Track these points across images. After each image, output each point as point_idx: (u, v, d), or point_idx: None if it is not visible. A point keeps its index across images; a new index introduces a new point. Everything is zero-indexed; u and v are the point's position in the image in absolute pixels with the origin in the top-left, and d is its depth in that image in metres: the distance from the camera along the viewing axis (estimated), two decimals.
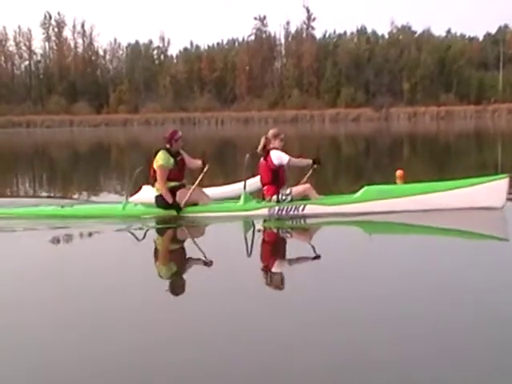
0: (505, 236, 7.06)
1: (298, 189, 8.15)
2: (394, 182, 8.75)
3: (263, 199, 8.22)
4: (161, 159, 8.04)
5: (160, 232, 7.82)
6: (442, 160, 18.86)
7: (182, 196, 8.07)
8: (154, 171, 8.09)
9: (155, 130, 58.58)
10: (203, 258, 6.07)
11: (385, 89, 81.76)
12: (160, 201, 8.11)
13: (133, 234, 7.56)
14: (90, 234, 7.53)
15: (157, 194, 8.13)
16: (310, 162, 8.32)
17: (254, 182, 8.61)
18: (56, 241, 7.21)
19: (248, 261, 5.97)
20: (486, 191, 7.90)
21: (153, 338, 3.76)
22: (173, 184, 8.10)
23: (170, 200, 8.00)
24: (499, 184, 7.90)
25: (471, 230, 7.38)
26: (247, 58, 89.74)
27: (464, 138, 32.09)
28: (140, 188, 8.57)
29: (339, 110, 75.24)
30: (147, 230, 7.72)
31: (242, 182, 8.21)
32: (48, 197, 11.17)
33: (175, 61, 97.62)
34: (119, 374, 3.31)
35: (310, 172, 8.51)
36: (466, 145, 27.15)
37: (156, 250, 6.82)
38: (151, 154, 8.28)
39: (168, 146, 8.22)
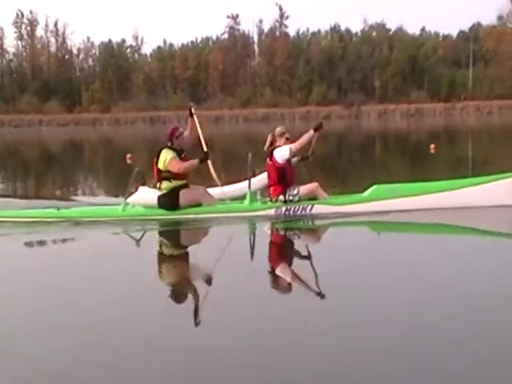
0: None
1: (305, 188, 7.91)
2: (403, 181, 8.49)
3: (270, 199, 8.02)
4: (170, 154, 7.84)
5: (162, 234, 7.66)
6: (417, 158, 18.79)
7: (186, 196, 7.88)
8: (158, 171, 7.89)
9: (124, 130, 58.22)
10: (207, 262, 5.92)
11: (357, 86, 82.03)
12: (163, 201, 7.90)
13: (134, 236, 7.41)
14: (89, 237, 7.33)
15: (159, 193, 7.92)
16: (311, 131, 7.88)
17: (258, 180, 8.47)
18: (51, 244, 7.05)
19: (254, 264, 5.84)
20: (500, 189, 7.81)
21: (152, 345, 3.70)
22: (175, 183, 7.89)
23: (195, 163, 7.86)
24: (509, 182, 7.84)
25: (485, 229, 7.30)
26: (221, 56, 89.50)
27: (435, 136, 32.26)
28: (136, 189, 8.38)
29: (310, 107, 75.21)
30: (149, 233, 7.58)
31: (247, 181, 7.97)
32: (41, 198, 10.88)
33: (149, 59, 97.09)
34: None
35: (315, 137, 7.97)
36: (437, 142, 27.24)
37: (158, 254, 6.63)
38: (122, 152, 8.08)
39: (169, 144, 8.04)
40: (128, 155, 18.21)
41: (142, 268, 5.75)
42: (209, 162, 7.97)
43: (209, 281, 5.29)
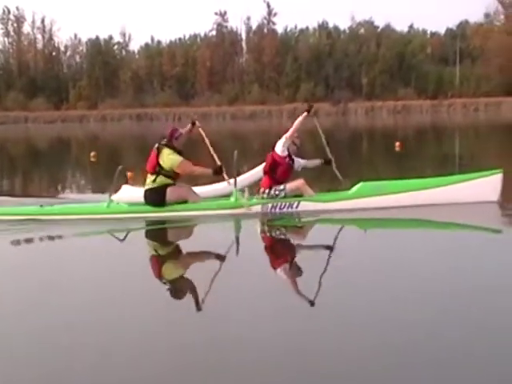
0: (501, 228, 7.11)
1: (291, 185, 7.97)
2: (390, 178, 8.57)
3: (258, 191, 8.07)
4: (178, 156, 7.86)
5: (148, 231, 7.66)
6: (382, 156, 18.85)
7: (172, 193, 7.87)
8: (156, 166, 7.84)
9: (111, 126, 57.95)
10: (193, 259, 5.92)
11: (344, 83, 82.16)
12: (149, 196, 7.90)
13: (119, 233, 7.35)
14: (74, 235, 7.28)
15: (147, 187, 7.91)
16: (304, 113, 8.14)
17: (245, 178, 8.52)
18: (36, 242, 6.95)
19: (241, 261, 5.83)
20: (481, 186, 7.98)
21: (148, 340, 3.70)
22: (168, 181, 7.89)
23: (207, 172, 8.00)
24: (494, 179, 8.01)
25: (468, 224, 7.45)
26: (208, 53, 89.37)
27: (422, 133, 32.40)
28: (119, 187, 8.30)
29: (297, 104, 75.02)
30: (134, 230, 7.55)
31: (232, 180, 8.00)
32: (26, 195, 10.79)
33: (136, 56, 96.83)
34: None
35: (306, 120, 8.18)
36: (425, 139, 27.38)
37: (144, 251, 6.60)
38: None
39: (166, 143, 8.02)
40: (92, 153, 18.36)
41: (129, 266, 5.73)
42: (224, 175, 7.99)
43: (195, 278, 5.26)
